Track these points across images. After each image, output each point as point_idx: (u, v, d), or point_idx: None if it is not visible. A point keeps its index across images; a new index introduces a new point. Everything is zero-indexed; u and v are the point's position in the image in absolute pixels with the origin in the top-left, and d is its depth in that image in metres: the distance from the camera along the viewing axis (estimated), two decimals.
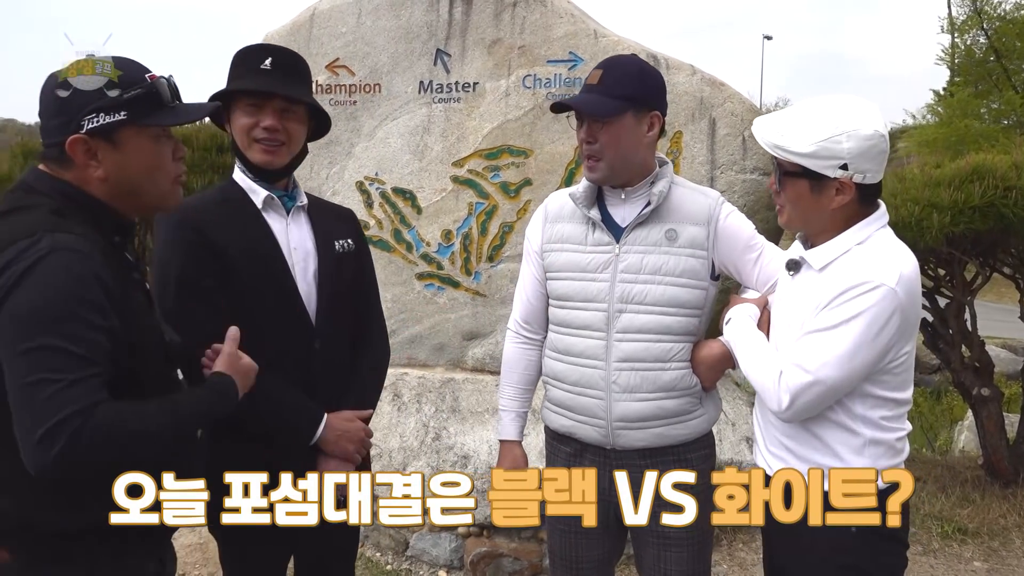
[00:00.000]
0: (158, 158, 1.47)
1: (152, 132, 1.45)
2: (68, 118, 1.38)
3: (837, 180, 1.62)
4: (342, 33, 4.07)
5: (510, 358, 2.16)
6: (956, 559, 3.80)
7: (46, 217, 1.35)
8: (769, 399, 1.68)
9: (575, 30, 3.85)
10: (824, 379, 1.59)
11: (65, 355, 1.26)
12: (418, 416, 3.83)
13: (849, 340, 1.57)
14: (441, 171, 4.00)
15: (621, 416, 1.91)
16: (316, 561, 2.08)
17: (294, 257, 1.93)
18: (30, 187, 1.43)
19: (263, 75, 1.87)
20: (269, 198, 1.93)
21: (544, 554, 3.46)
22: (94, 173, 1.41)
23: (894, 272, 1.57)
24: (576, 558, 2.06)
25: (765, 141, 1.69)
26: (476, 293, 4.00)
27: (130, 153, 1.43)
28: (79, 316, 1.29)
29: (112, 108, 1.39)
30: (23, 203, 1.39)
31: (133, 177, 1.45)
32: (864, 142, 1.59)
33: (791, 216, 1.74)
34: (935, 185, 3.93)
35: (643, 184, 1.95)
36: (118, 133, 1.41)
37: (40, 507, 1.36)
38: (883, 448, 1.67)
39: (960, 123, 19.51)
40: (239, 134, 1.90)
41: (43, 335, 1.25)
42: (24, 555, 1.37)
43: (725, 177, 3.74)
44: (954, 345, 4.52)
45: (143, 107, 1.42)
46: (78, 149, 1.39)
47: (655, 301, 1.89)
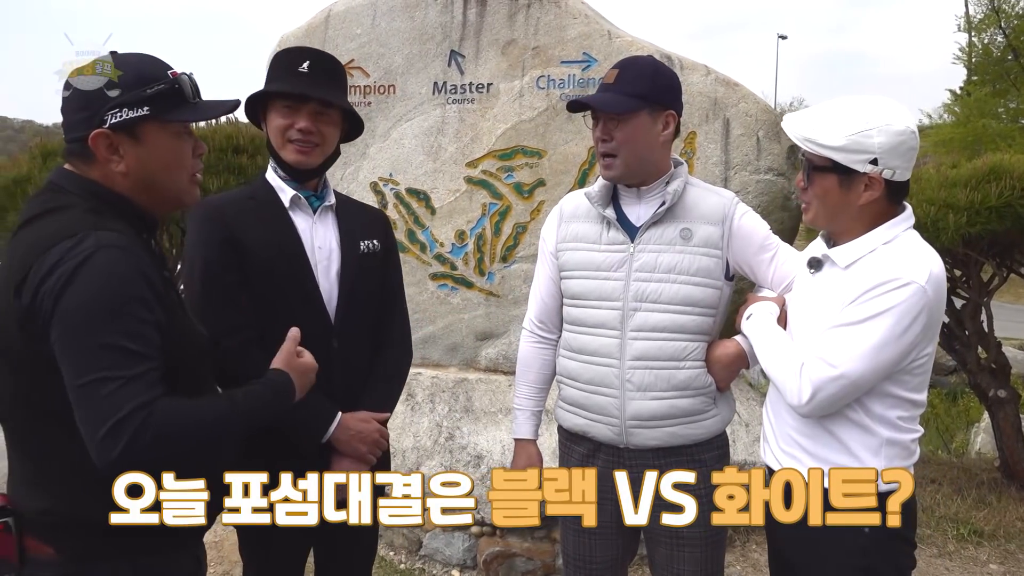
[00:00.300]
0: (178, 154, 1.48)
1: (174, 128, 1.46)
2: (91, 113, 1.39)
3: (866, 175, 1.62)
4: (357, 34, 4.10)
5: (525, 357, 2.17)
6: (972, 562, 3.77)
7: (84, 216, 1.36)
8: (789, 393, 1.67)
9: (589, 31, 3.85)
10: (848, 373, 1.59)
11: (122, 352, 1.28)
12: (431, 416, 3.85)
13: (876, 335, 1.57)
14: (455, 172, 4.01)
15: (635, 414, 1.92)
16: (335, 556, 2.10)
17: (317, 256, 1.96)
18: (59, 187, 1.44)
19: (300, 77, 1.91)
20: (296, 197, 1.97)
21: (557, 554, 3.47)
22: (116, 168, 1.42)
23: (924, 270, 1.58)
24: (589, 558, 2.07)
25: (795, 134, 1.69)
26: (489, 293, 4.01)
27: (151, 148, 1.44)
28: (131, 312, 1.31)
29: (135, 103, 1.40)
30: (56, 204, 1.40)
31: (153, 172, 1.45)
32: (895, 137, 1.60)
33: (818, 213, 1.73)
34: (951, 185, 3.91)
35: (658, 184, 1.95)
36: (140, 128, 1.42)
37: (84, 503, 1.38)
38: (898, 448, 1.67)
39: (977, 122, 19.37)
40: (274, 134, 1.94)
41: (98, 333, 1.27)
42: (69, 551, 1.38)
43: (739, 178, 3.73)
44: (970, 346, 4.50)
45: (166, 103, 1.43)
46: (100, 143, 1.40)
47: (669, 300, 1.90)
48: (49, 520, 1.38)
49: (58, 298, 1.27)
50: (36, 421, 1.37)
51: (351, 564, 2.14)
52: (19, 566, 1.38)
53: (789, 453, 1.77)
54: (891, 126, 1.60)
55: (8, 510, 1.39)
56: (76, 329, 1.27)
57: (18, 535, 1.38)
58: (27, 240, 1.35)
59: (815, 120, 1.67)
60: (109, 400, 1.26)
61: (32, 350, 1.31)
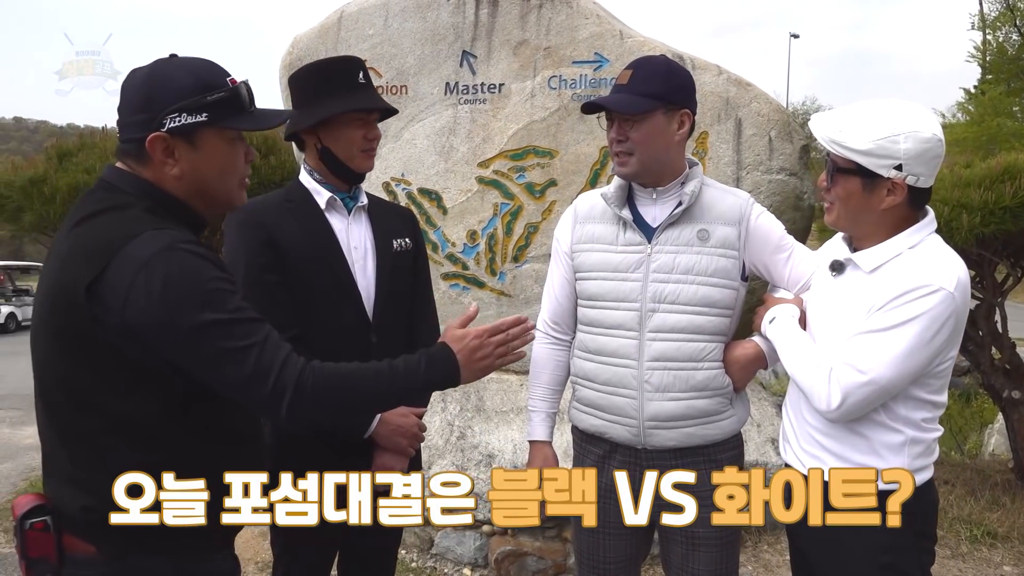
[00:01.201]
0: (231, 160, 1.50)
1: (229, 135, 1.48)
2: (151, 115, 1.40)
3: (889, 180, 1.63)
4: (369, 35, 4.11)
5: (540, 359, 2.17)
6: (985, 563, 3.76)
7: (144, 216, 1.38)
8: (817, 398, 1.68)
9: (600, 31, 3.85)
10: (878, 379, 1.60)
11: (243, 322, 1.35)
12: (443, 415, 3.86)
13: (905, 342, 1.58)
14: (467, 172, 4.02)
15: (653, 415, 1.92)
16: (360, 555, 2.17)
17: (354, 255, 2.02)
18: (113, 186, 1.45)
19: (365, 90, 1.99)
20: (332, 199, 2.03)
21: (568, 553, 3.47)
22: (170, 171, 1.43)
23: (952, 276, 1.59)
24: (603, 558, 2.07)
25: (822, 136, 1.69)
26: (501, 293, 4.02)
27: (206, 154, 1.45)
28: (230, 290, 1.37)
29: (195, 110, 1.41)
30: (113, 203, 1.41)
31: (206, 177, 1.47)
32: (921, 144, 1.60)
33: (839, 215, 1.74)
34: (965, 185, 3.89)
35: (674, 184, 1.96)
36: (197, 134, 1.43)
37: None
38: (921, 447, 1.69)
39: (991, 122, 19.22)
40: (344, 145, 1.99)
41: (208, 312, 1.31)
42: (109, 549, 1.38)
43: (751, 178, 3.72)
44: (984, 347, 4.47)
45: (224, 110, 1.44)
46: (157, 147, 1.41)
47: (687, 301, 1.91)
48: (90, 518, 1.37)
49: (155, 299, 1.29)
50: (85, 414, 1.37)
51: (374, 562, 2.21)
52: (58, 565, 1.38)
53: (812, 454, 1.78)
54: (918, 133, 1.60)
55: (47, 508, 1.39)
56: (187, 319, 1.30)
57: (57, 534, 1.38)
58: (90, 237, 1.36)
59: (842, 122, 1.67)
60: (257, 364, 1.33)
61: (108, 347, 1.32)
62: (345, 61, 2.06)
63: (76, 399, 1.37)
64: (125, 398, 1.35)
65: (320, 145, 1.99)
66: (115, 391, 1.35)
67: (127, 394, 1.35)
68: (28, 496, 1.42)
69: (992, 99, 20.44)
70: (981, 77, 23.15)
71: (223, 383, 1.35)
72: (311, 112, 1.96)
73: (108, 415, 1.35)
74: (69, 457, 1.40)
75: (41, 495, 1.43)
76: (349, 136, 1.97)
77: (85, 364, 1.34)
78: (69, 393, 1.38)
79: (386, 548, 2.23)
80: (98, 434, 1.37)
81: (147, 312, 1.29)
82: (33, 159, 6.77)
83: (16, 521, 1.39)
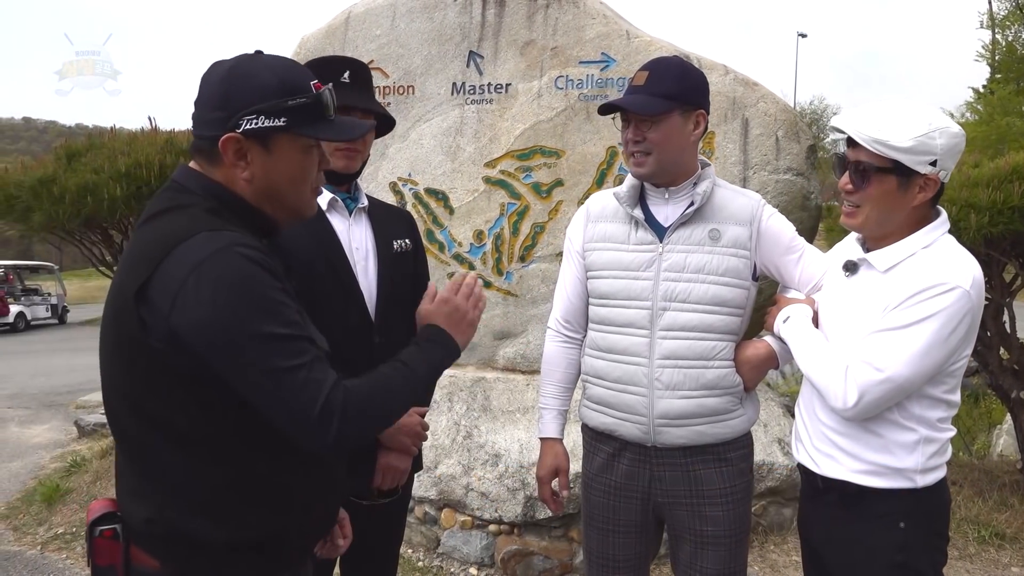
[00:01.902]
0: (304, 168, 1.43)
1: (306, 142, 1.40)
2: (228, 114, 1.34)
3: (923, 177, 1.64)
4: (376, 35, 4.12)
5: (551, 357, 2.18)
6: (993, 564, 3.74)
7: (203, 216, 1.32)
8: (833, 397, 1.69)
9: (608, 31, 3.85)
10: (895, 377, 1.61)
11: (297, 340, 1.27)
12: (449, 415, 3.86)
13: (922, 340, 1.59)
14: (473, 172, 4.03)
15: (664, 413, 1.93)
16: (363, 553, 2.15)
17: (355, 256, 2.03)
18: (182, 186, 1.39)
19: (346, 89, 1.95)
20: (333, 200, 2.03)
21: (575, 552, 3.48)
22: (240, 174, 1.37)
23: (968, 275, 1.60)
24: (612, 556, 2.08)
25: (863, 136, 1.66)
26: (507, 293, 4.02)
27: (280, 159, 1.38)
28: (281, 300, 1.28)
29: (274, 113, 1.34)
30: (177, 202, 1.36)
31: (277, 183, 1.40)
32: (952, 139, 1.63)
33: (869, 216, 1.72)
34: (973, 185, 3.87)
35: (686, 184, 1.97)
36: (273, 139, 1.36)
37: (187, 518, 1.33)
38: (935, 447, 1.69)
39: (1000, 121, 19.11)
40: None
41: (262, 326, 1.24)
42: (172, 564, 1.34)
43: (758, 177, 3.72)
44: (993, 348, 4.45)
45: (304, 117, 1.37)
46: (230, 148, 1.34)
47: (699, 299, 1.92)
48: (153, 531, 1.33)
49: (203, 304, 1.21)
50: (142, 424, 1.32)
51: (382, 564, 2.21)
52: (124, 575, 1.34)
53: (825, 453, 1.78)
54: (949, 128, 1.63)
55: (117, 516, 1.36)
56: (238, 328, 1.22)
57: (125, 543, 1.34)
58: (148, 239, 1.31)
59: (878, 121, 1.67)
60: (305, 387, 1.25)
61: (156, 354, 1.25)
62: (332, 59, 2.05)
63: (132, 408, 1.32)
64: (178, 410, 1.29)
65: None
66: (166, 402, 1.28)
67: (180, 406, 1.28)
68: (100, 502, 1.39)
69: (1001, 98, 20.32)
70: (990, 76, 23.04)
71: (265, 402, 1.26)
72: None
73: (163, 427, 1.29)
74: (132, 468, 1.36)
75: (113, 501, 1.39)
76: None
77: (137, 372, 1.29)
78: (126, 401, 1.33)
79: (389, 546, 2.23)
80: (157, 446, 1.31)
81: (195, 316, 1.21)
82: (42, 159, 6.81)
83: (87, 527, 1.36)
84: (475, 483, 3.58)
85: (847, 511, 1.74)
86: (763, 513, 3.82)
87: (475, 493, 3.57)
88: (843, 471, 1.73)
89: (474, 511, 3.58)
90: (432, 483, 3.65)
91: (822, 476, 1.78)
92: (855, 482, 1.71)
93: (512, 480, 3.54)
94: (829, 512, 1.80)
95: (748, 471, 2.04)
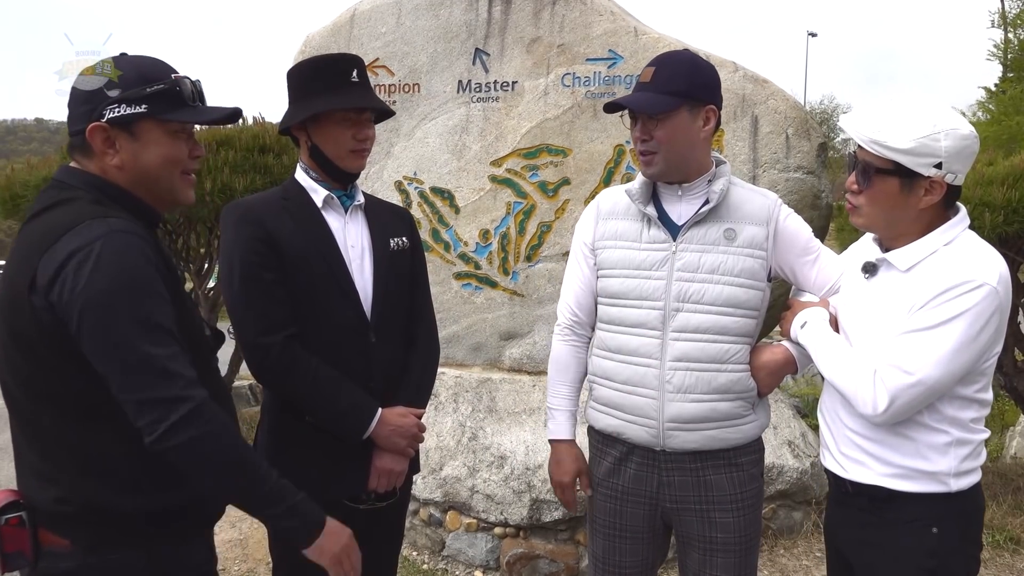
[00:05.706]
0: (172, 152, 1.52)
1: (170, 127, 1.51)
2: (92, 107, 1.46)
3: (928, 179, 1.60)
4: (382, 33, 4.09)
5: (560, 357, 2.13)
6: (1008, 569, 3.69)
7: (89, 207, 1.42)
8: (862, 402, 1.64)
9: (615, 28, 3.81)
10: (926, 379, 1.56)
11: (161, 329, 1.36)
12: (455, 416, 3.83)
13: (952, 339, 1.55)
14: (479, 170, 3.99)
15: (674, 416, 1.88)
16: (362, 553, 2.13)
17: (351, 254, 2.00)
18: (63, 183, 1.49)
19: (357, 88, 1.96)
20: (329, 197, 2.01)
21: (580, 555, 3.44)
22: (111, 161, 1.48)
23: (994, 271, 1.56)
24: (619, 561, 2.04)
25: (861, 136, 1.64)
26: (514, 293, 3.98)
27: (146, 145, 1.49)
28: (156, 290, 1.38)
29: (134, 101, 1.46)
30: (61, 197, 1.45)
31: (146, 168, 1.50)
32: (960, 141, 1.58)
33: (871, 216, 1.69)
34: (987, 183, 3.83)
35: (700, 181, 1.92)
36: (137, 125, 1.47)
37: (96, 492, 1.40)
38: (968, 449, 1.65)
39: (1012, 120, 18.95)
40: (332, 144, 1.96)
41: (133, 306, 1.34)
42: (84, 541, 1.41)
43: (768, 176, 3.67)
44: (1006, 348, 4.39)
45: (164, 103, 1.48)
46: (97, 136, 1.46)
47: (713, 301, 1.87)
48: (63, 510, 1.40)
49: (80, 284, 1.31)
50: (44, 407, 1.40)
51: (379, 565, 2.16)
52: (34, 559, 1.41)
53: (854, 459, 1.73)
54: (957, 130, 1.58)
55: (21, 504, 1.42)
56: (107, 311, 1.32)
57: (32, 528, 1.41)
58: (35, 233, 1.40)
59: (879, 121, 1.63)
60: (162, 375, 1.33)
61: (47, 336, 1.34)
62: (339, 58, 2.02)
63: (32, 392, 1.40)
64: (73, 388, 1.37)
65: (310, 143, 1.98)
66: (63, 382, 1.37)
67: (74, 384, 1.37)
68: (3, 492, 1.45)
69: (1013, 97, 20.12)
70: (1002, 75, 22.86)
71: (119, 382, 1.34)
72: (300, 108, 1.95)
73: (73, 410, 1.38)
74: (36, 450, 1.43)
75: (16, 491, 1.46)
76: (337, 135, 1.94)
77: (33, 356, 1.37)
78: (25, 387, 1.41)
79: (387, 551, 2.19)
80: (58, 426, 1.40)
81: (71, 293, 1.31)
82: (48, 158, 6.80)
83: None
84: (480, 485, 3.55)
85: (877, 515, 1.70)
86: (773, 516, 3.78)
87: (480, 495, 3.53)
88: (872, 475, 1.68)
89: (479, 513, 3.54)
90: (437, 485, 3.62)
91: (851, 481, 1.73)
92: (886, 486, 1.67)
93: (518, 482, 3.51)
94: (858, 516, 1.75)
95: (759, 476, 1.99)
